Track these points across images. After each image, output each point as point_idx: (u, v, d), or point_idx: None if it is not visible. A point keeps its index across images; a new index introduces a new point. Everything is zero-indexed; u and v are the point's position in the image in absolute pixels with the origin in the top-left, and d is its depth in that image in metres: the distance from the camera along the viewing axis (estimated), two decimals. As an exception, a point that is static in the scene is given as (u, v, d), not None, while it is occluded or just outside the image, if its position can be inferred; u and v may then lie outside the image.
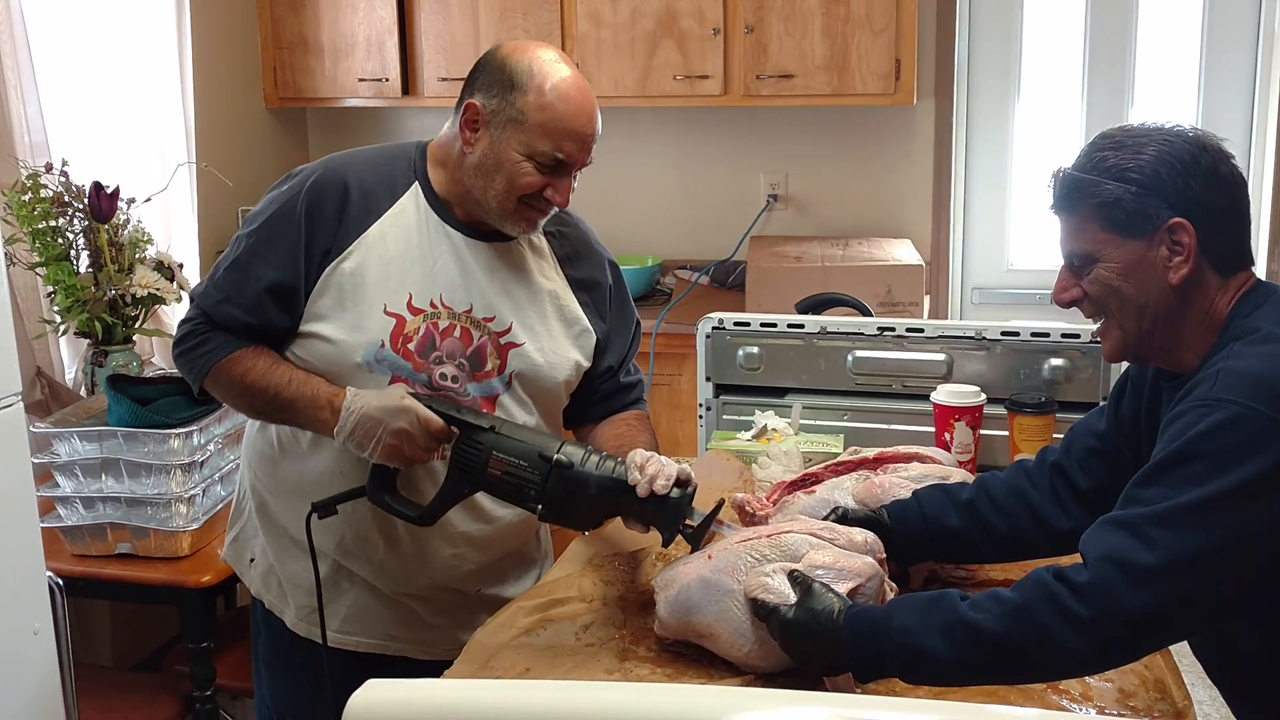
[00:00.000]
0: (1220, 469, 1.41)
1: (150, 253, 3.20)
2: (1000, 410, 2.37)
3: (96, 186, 3.04)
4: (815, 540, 1.67)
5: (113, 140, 3.62)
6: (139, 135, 3.73)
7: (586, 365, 2.11)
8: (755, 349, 2.56)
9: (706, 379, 2.61)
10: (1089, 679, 1.63)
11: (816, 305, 2.93)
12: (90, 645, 3.35)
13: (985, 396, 2.34)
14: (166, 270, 3.18)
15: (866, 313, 2.92)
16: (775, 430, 2.45)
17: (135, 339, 3.18)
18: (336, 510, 1.95)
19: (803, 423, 2.47)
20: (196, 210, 3.86)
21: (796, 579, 1.59)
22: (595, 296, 2.13)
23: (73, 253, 3.07)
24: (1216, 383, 1.47)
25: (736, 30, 3.92)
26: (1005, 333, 2.43)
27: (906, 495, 1.89)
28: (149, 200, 3.25)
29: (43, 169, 3.06)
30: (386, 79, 4.24)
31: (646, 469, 1.79)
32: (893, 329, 2.50)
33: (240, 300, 1.96)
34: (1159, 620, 1.43)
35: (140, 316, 3.17)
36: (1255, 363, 1.47)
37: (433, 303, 1.98)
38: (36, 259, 3.05)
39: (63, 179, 3.06)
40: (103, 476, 2.76)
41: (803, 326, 2.55)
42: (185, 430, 2.71)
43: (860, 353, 2.51)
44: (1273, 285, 1.61)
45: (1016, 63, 4.20)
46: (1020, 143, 4.24)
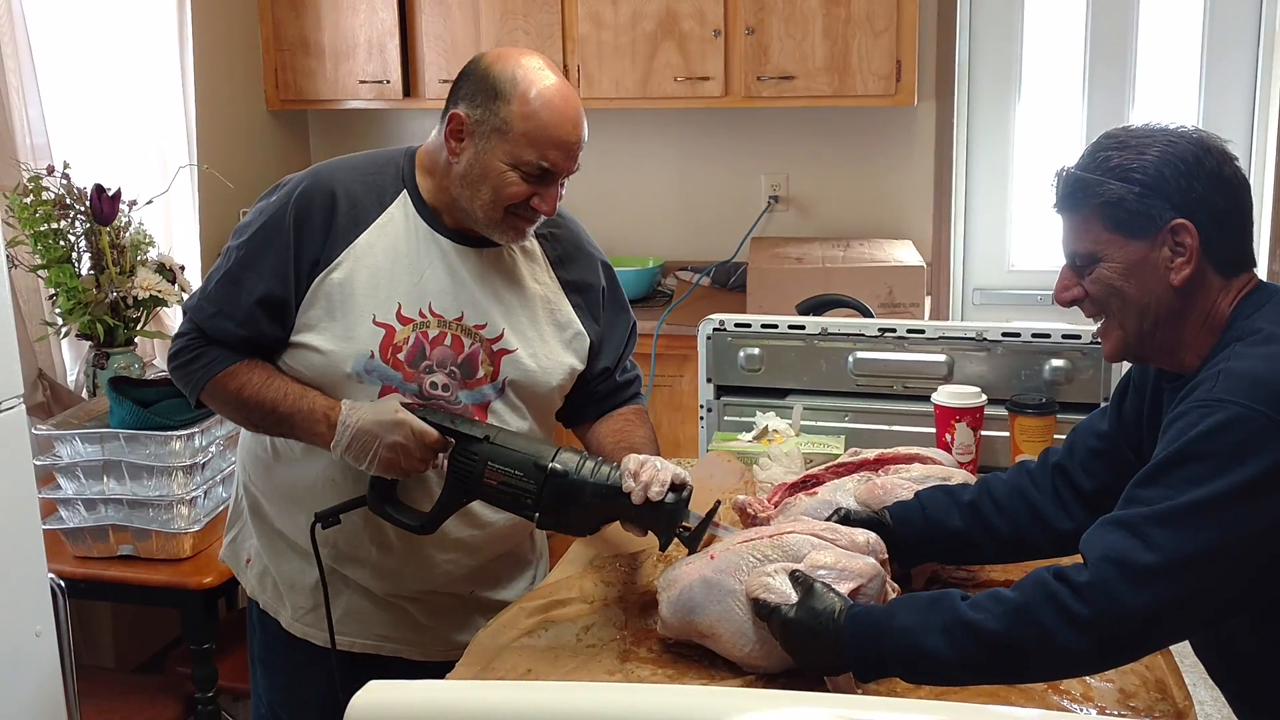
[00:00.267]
0: (1221, 469, 1.41)
1: (152, 255, 3.20)
2: (1001, 411, 2.37)
3: (98, 189, 3.04)
4: (817, 541, 1.67)
5: (114, 143, 3.63)
6: (140, 137, 3.74)
7: (581, 368, 2.10)
8: (756, 350, 2.56)
9: (707, 380, 2.61)
10: (1089, 679, 1.63)
11: (817, 306, 2.94)
12: (92, 647, 3.36)
13: (986, 397, 2.34)
14: (168, 272, 3.18)
15: (867, 314, 2.92)
16: (776, 431, 2.45)
17: (137, 341, 3.19)
18: (339, 520, 1.96)
19: (804, 424, 2.47)
20: (198, 212, 3.86)
21: (798, 579, 1.59)
22: (588, 298, 2.12)
23: (74, 255, 3.07)
24: (1217, 383, 1.47)
25: (737, 31, 3.92)
26: (1006, 334, 2.43)
27: (908, 496, 1.89)
28: (150, 202, 3.26)
29: (44, 171, 3.06)
30: (387, 81, 4.24)
31: (641, 475, 1.79)
32: (894, 330, 2.50)
33: (232, 313, 1.96)
34: (1159, 620, 1.44)
35: (142, 319, 3.17)
36: (1256, 363, 1.47)
37: (422, 312, 1.97)
38: (38, 261, 3.05)
39: (64, 181, 3.06)
40: (104, 478, 2.76)
41: (804, 328, 2.55)
42: (187, 432, 2.71)
43: (861, 354, 2.51)
44: (1274, 286, 1.61)
45: (1017, 64, 4.20)
46: (1021, 143, 4.24)
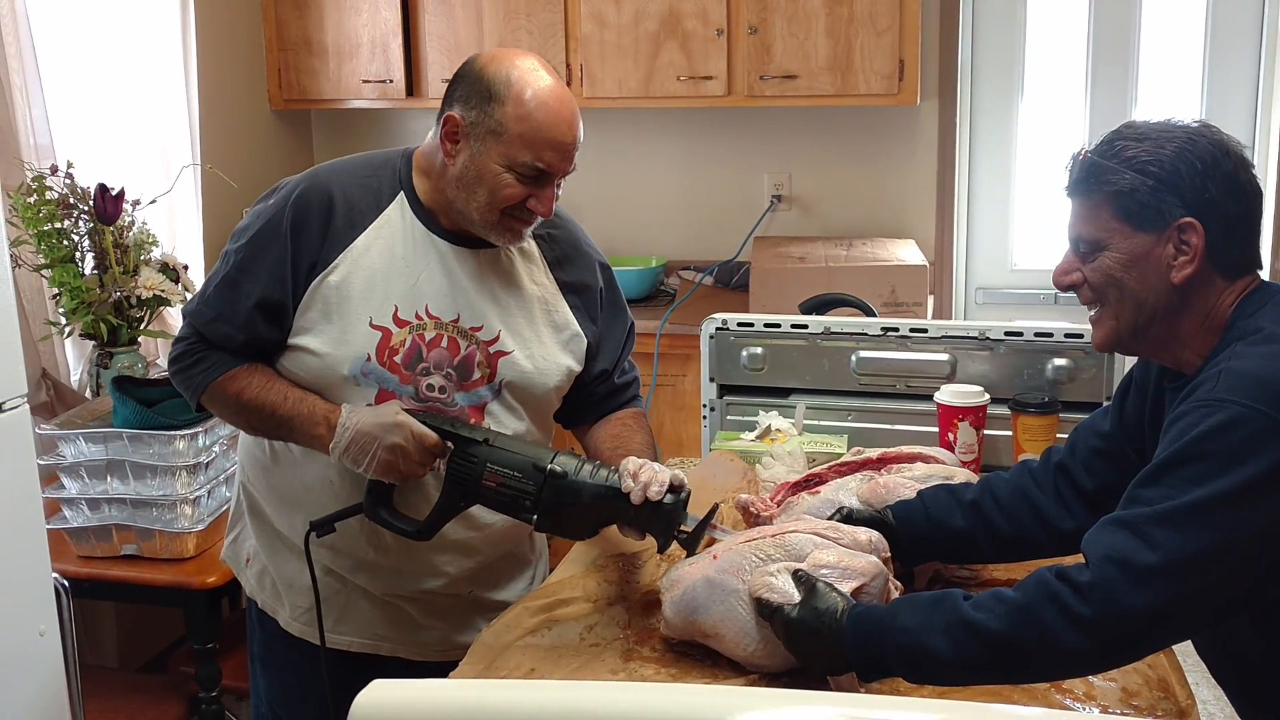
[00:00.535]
0: (1222, 469, 1.41)
1: (155, 254, 3.21)
2: (1004, 410, 2.37)
3: (101, 188, 3.05)
4: (820, 540, 1.67)
5: (118, 142, 3.63)
6: (144, 137, 3.74)
7: (578, 369, 2.10)
8: (759, 349, 2.56)
9: (710, 380, 2.61)
10: (1092, 678, 1.63)
11: (820, 306, 2.94)
12: (96, 646, 3.36)
13: (989, 397, 2.34)
14: (171, 272, 3.19)
15: (870, 313, 2.92)
16: (779, 431, 2.45)
17: (140, 341, 3.19)
18: (335, 528, 1.96)
19: (806, 423, 2.47)
20: (201, 212, 3.87)
21: (801, 578, 1.59)
22: (586, 299, 2.12)
23: (78, 255, 3.08)
24: (1218, 383, 1.47)
25: (740, 31, 3.92)
26: (1009, 333, 2.43)
27: (911, 495, 1.90)
28: (154, 202, 3.26)
29: (48, 171, 3.07)
30: (390, 80, 4.24)
31: (640, 476, 1.79)
32: (896, 329, 2.50)
33: (231, 317, 1.96)
34: (1161, 620, 1.44)
35: (145, 318, 3.17)
36: (1257, 363, 1.47)
37: (418, 314, 1.97)
38: (42, 261, 3.06)
39: (68, 181, 3.07)
40: (108, 478, 2.76)
41: (806, 327, 2.55)
42: (190, 432, 2.72)
43: (864, 353, 2.51)
44: (1276, 285, 1.61)
45: (1020, 63, 4.19)
46: (1024, 143, 4.24)
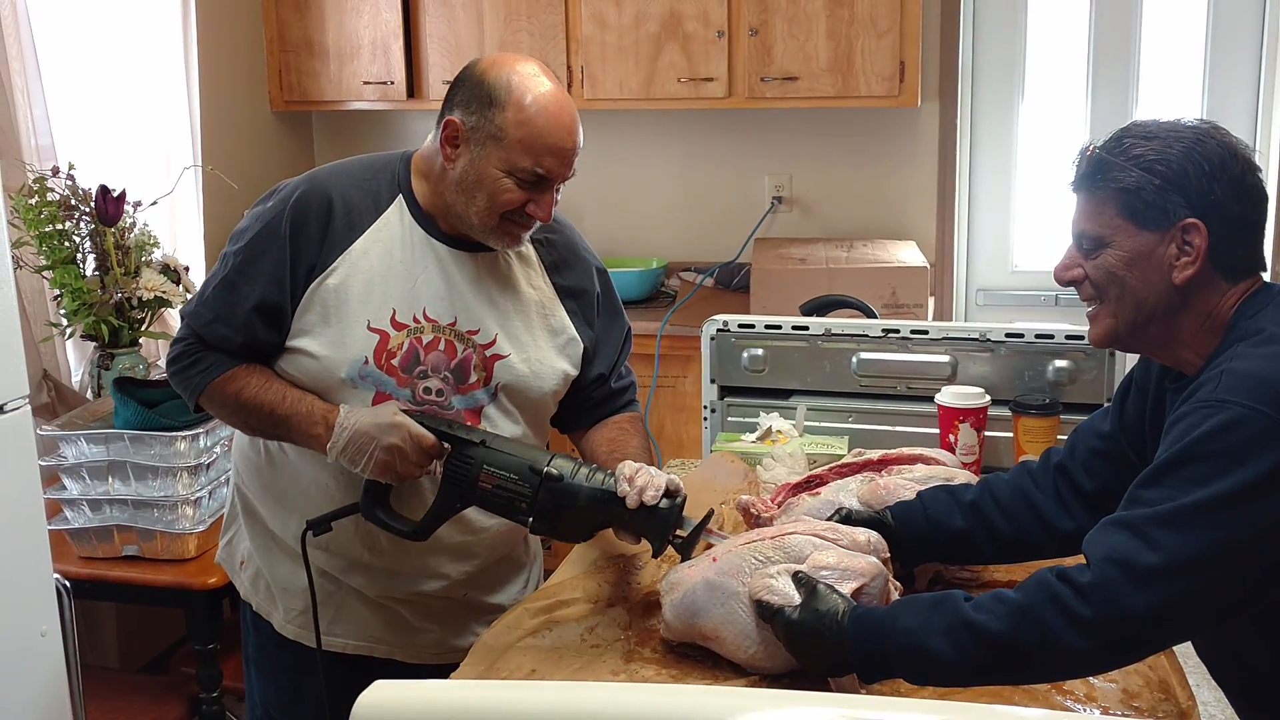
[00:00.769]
0: (1223, 470, 1.41)
1: (156, 256, 3.21)
2: (1005, 412, 2.37)
3: (103, 190, 3.05)
4: (819, 541, 1.68)
5: (119, 144, 3.63)
6: (145, 138, 3.74)
7: (575, 374, 2.10)
8: (760, 351, 2.56)
9: (711, 381, 2.61)
10: (1093, 679, 1.63)
11: (821, 307, 2.94)
12: (97, 647, 3.36)
13: (989, 398, 2.35)
14: (173, 273, 3.19)
15: (871, 315, 2.92)
16: (780, 432, 2.45)
17: (141, 342, 3.19)
18: (331, 527, 1.96)
19: (807, 425, 2.47)
20: (202, 213, 3.87)
21: (801, 580, 1.59)
22: (583, 304, 2.12)
23: (79, 256, 3.08)
24: (1220, 384, 1.47)
25: (741, 32, 3.92)
26: (1010, 334, 2.43)
27: (911, 497, 1.90)
28: (155, 203, 3.27)
29: (49, 172, 3.07)
30: (391, 82, 4.24)
31: (636, 480, 1.80)
32: (897, 331, 2.50)
33: (230, 319, 1.96)
34: (1162, 621, 1.44)
35: (146, 319, 3.18)
36: (1258, 364, 1.47)
37: (416, 318, 1.97)
38: (43, 262, 3.06)
39: (69, 182, 3.07)
40: (109, 479, 2.77)
41: (807, 329, 2.55)
42: (191, 433, 2.72)
43: (865, 355, 2.51)
44: (1277, 286, 1.61)
45: (1021, 64, 4.20)
46: (1025, 144, 4.24)
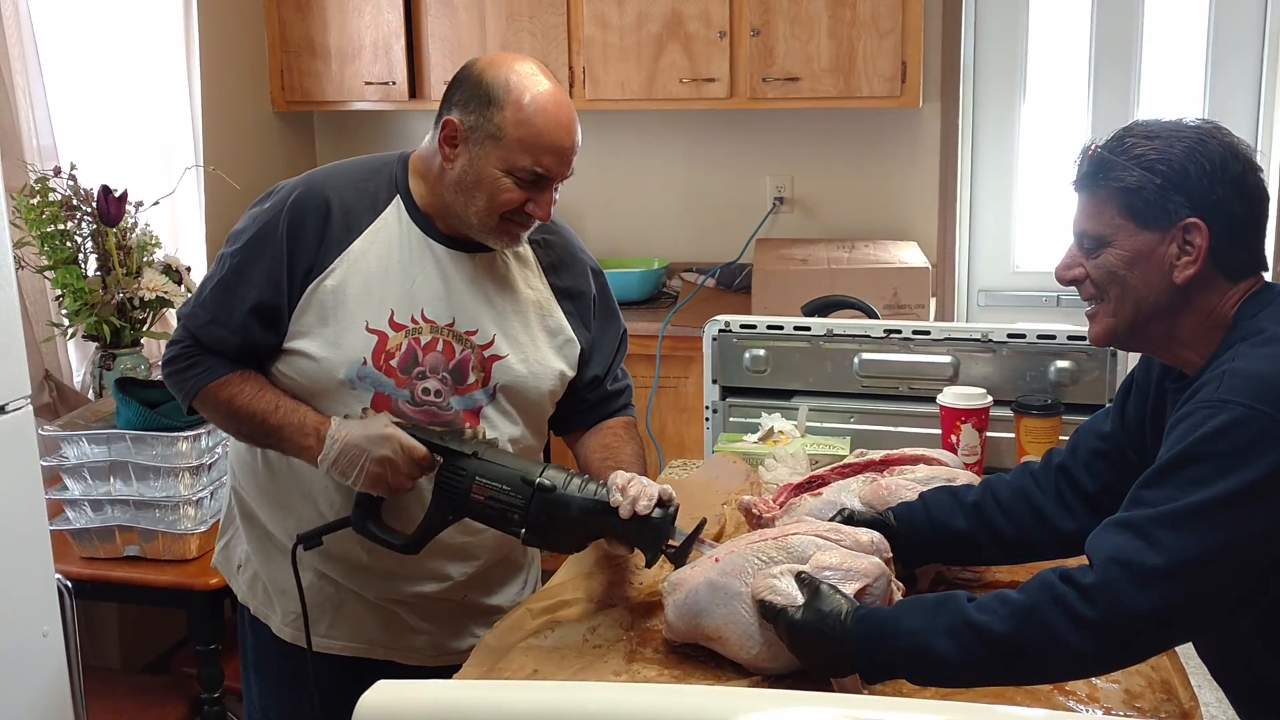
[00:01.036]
0: (1226, 471, 1.41)
1: (158, 256, 3.21)
2: (1006, 412, 2.37)
3: (104, 190, 3.05)
4: (822, 541, 1.67)
5: (121, 144, 3.64)
6: (147, 139, 3.75)
7: (571, 375, 2.10)
8: (761, 351, 2.56)
9: (713, 381, 2.61)
10: (1095, 680, 1.63)
11: (823, 308, 2.94)
12: (98, 647, 3.36)
13: (991, 399, 2.35)
14: (174, 273, 3.19)
15: (873, 315, 2.92)
16: (782, 433, 2.45)
17: (143, 342, 3.19)
18: (322, 541, 1.96)
19: (809, 425, 2.47)
20: (204, 213, 3.88)
21: (804, 580, 1.59)
22: (579, 306, 2.11)
23: (81, 256, 3.08)
24: (1222, 384, 1.47)
25: (742, 33, 3.92)
26: (1011, 335, 2.43)
27: (913, 497, 1.90)
28: (157, 204, 3.27)
29: (51, 173, 3.07)
30: (393, 82, 4.25)
31: (628, 490, 1.79)
32: (899, 331, 2.50)
33: (227, 321, 1.96)
34: (1165, 621, 1.44)
35: (148, 319, 3.18)
36: (1260, 364, 1.47)
37: (414, 318, 1.97)
38: (45, 262, 3.06)
39: (71, 183, 3.07)
40: (111, 479, 2.77)
41: (809, 329, 2.55)
42: (193, 433, 2.72)
43: (866, 355, 2.51)
44: (1279, 286, 1.61)
45: (1022, 65, 4.20)
46: (1026, 145, 4.24)
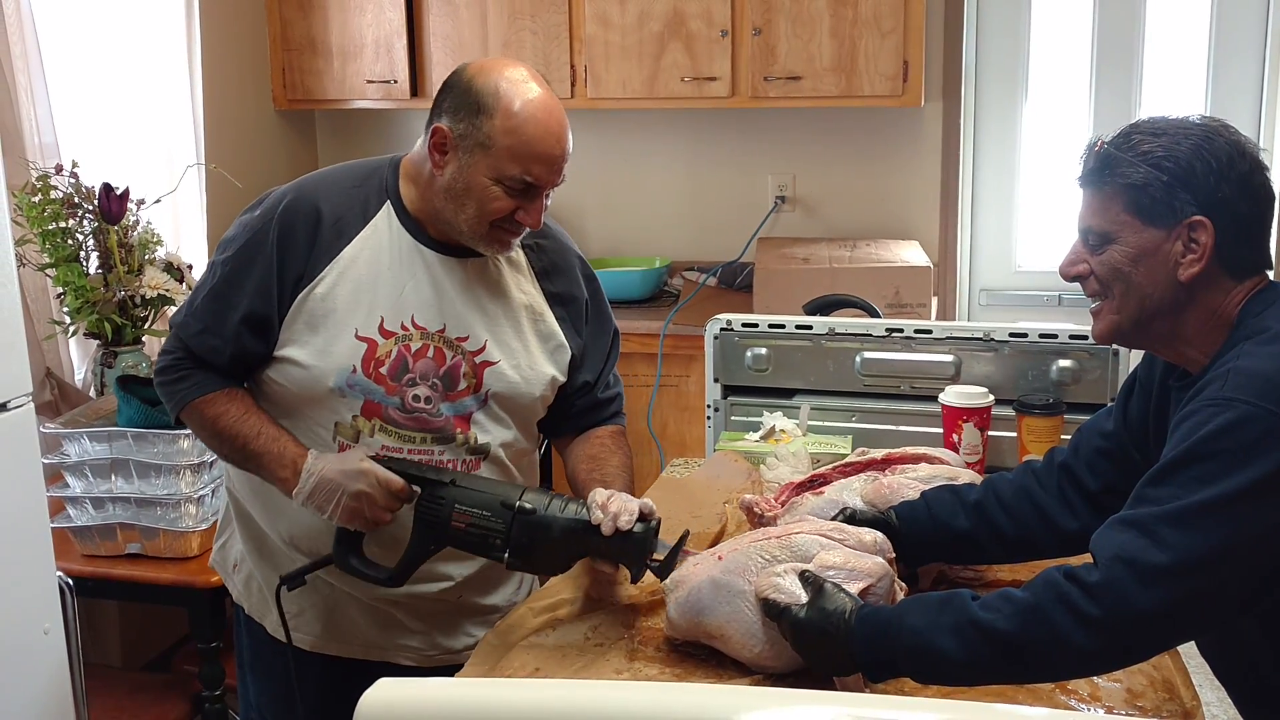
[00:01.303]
0: (1231, 469, 1.41)
1: (159, 254, 3.21)
2: (1008, 411, 2.37)
3: (106, 188, 3.05)
4: (825, 541, 1.67)
5: (122, 142, 3.64)
6: (148, 137, 3.75)
7: (562, 380, 2.08)
8: (763, 350, 2.56)
9: (714, 380, 2.61)
10: (1097, 679, 1.63)
11: (824, 306, 2.93)
12: (99, 645, 3.36)
13: (993, 398, 2.34)
14: (176, 271, 3.19)
15: (874, 314, 2.92)
16: (783, 431, 2.45)
17: (145, 340, 3.19)
18: (305, 581, 1.95)
19: (811, 424, 2.47)
20: (205, 211, 3.88)
21: (808, 579, 1.59)
22: (572, 311, 2.10)
23: (82, 254, 3.08)
24: (1227, 382, 1.46)
25: (744, 32, 3.92)
26: (1013, 334, 2.43)
27: (915, 496, 1.89)
28: (158, 202, 3.27)
29: (53, 170, 3.07)
30: (395, 81, 4.24)
31: (609, 507, 1.78)
32: (901, 330, 2.50)
33: (219, 330, 1.95)
34: (1170, 620, 1.43)
35: (150, 317, 3.17)
36: (1265, 362, 1.46)
37: (404, 325, 1.96)
38: (46, 260, 3.06)
39: (72, 180, 3.07)
40: (112, 477, 2.77)
41: (811, 328, 2.55)
42: (194, 431, 2.71)
43: (868, 354, 2.51)
44: (1283, 284, 1.61)
45: (1024, 64, 4.20)
46: (1028, 144, 4.24)
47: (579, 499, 1.85)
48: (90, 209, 3.06)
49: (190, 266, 3.29)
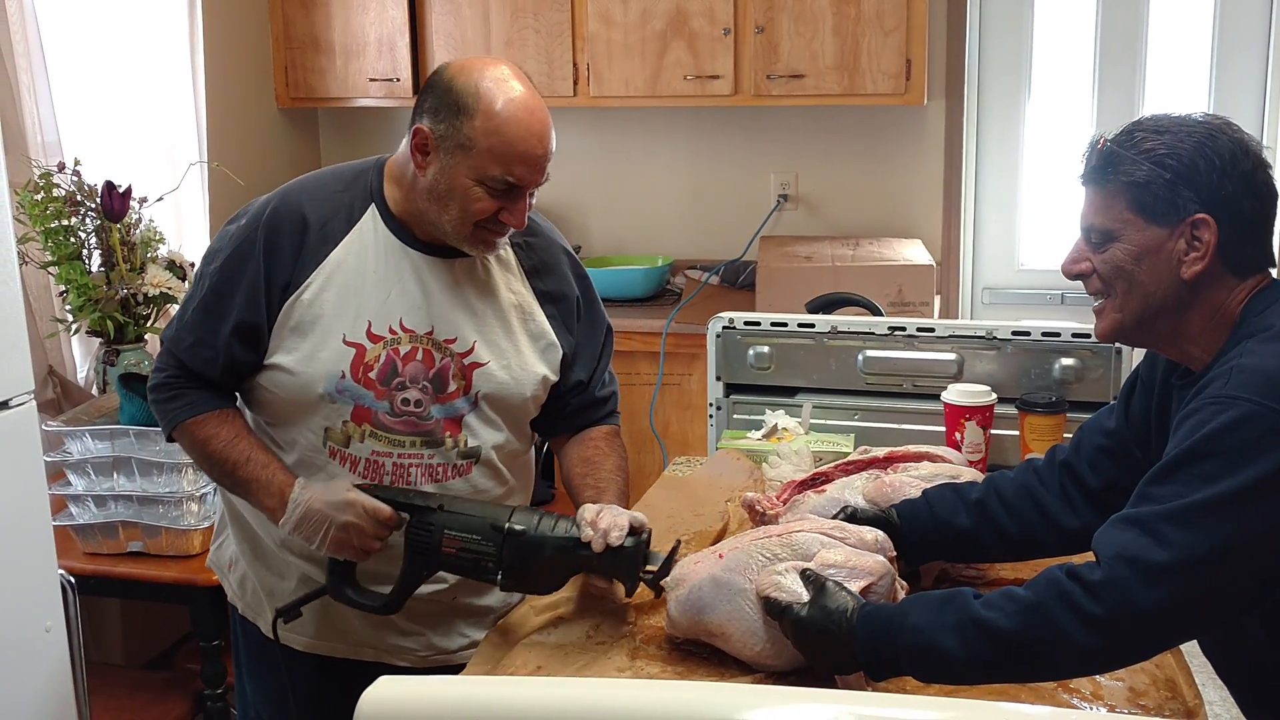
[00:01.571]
0: (1233, 467, 1.41)
1: (162, 252, 3.21)
2: (1011, 410, 2.37)
3: (108, 186, 3.05)
4: (827, 539, 1.67)
5: (125, 140, 3.64)
6: (151, 135, 3.75)
7: (554, 379, 2.07)
8: (766, 348, 2.56)
9: (717, 378, 2.61)
10: (1100, 677, 1.63)
11: (827, 305, 2.93)
12: (101, 643, 3.36)
13: (996, 396, 2.34)
14: (178, 269, 3.19)
15: (877, 312, 2.91)
16: (785, 429, 2.45)
17: (147, 338, 3.19)
18: (301, 613, 1.95)
19: (813, 422, 2.46)
20: (208, 209, 3.88)
21: (809, 577, 1.59)
22: (563, 309, 2.08)
23: (85, 252, 3.08)
24: (1229, 380, 1.46)
25: (747, 30, 3.92)
26: (1016, 332, 2.43)
27: (916, 494, 1.89)
28: (161, 200, 3.26)
29: (55, 168, 3.07)
30: (398, 79, 4.24)
31: (598, 523, 1.78)
32: (903, 329, 2.50)
33: (211, 342, 1.95)
34: (1172, 618, 1.43)
35: (152, 315, 3.17)
36: (1268, 360, 1.46)
37: (392, 329, 1.95)
38: (49, 258, 3.06)
39: (75, 178, 3.07)
40: (114, 475, 2.77)
41: (813, 326, 2.55)
42: (197, 429, 2.71)
43: (871, 352, 2.51)
44: (1286, 283, 1.60)
45: (1027, 62, 4.19)
46: (1031, 142, 4.23)
47: (569, 516, 1.83)
48: (92, 207, 3.06)
49: (193, 264, 3.29)
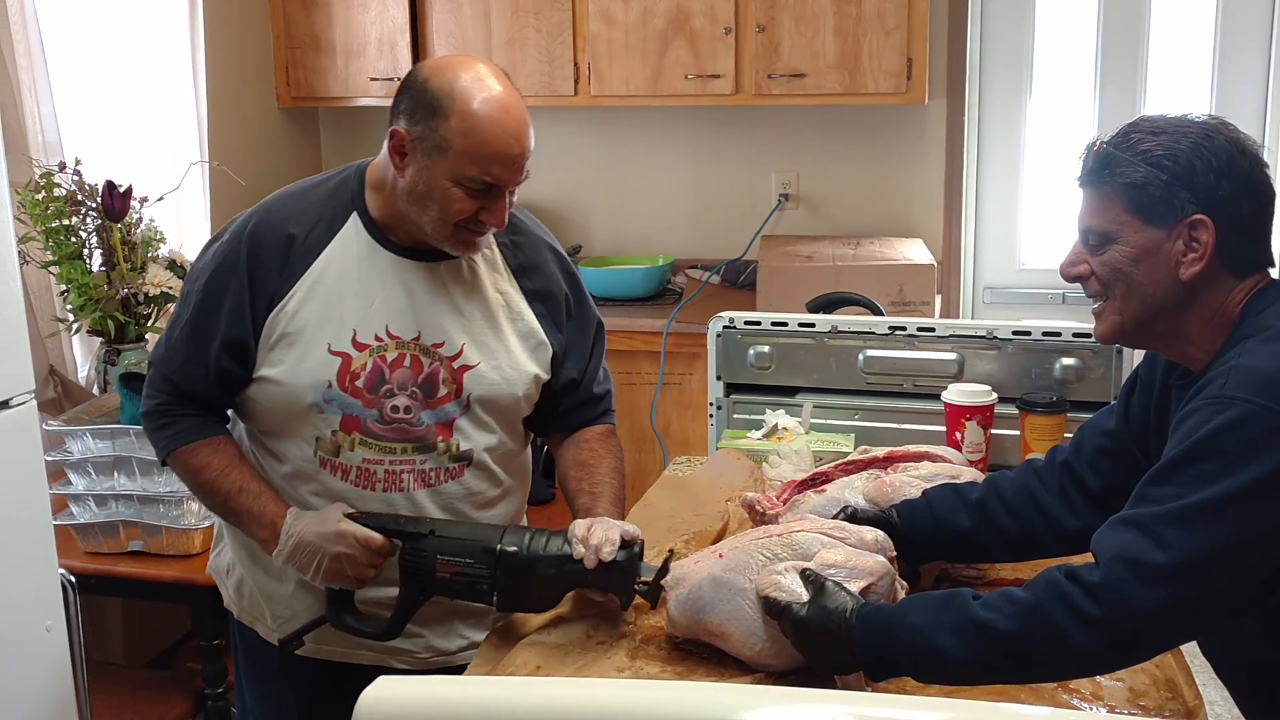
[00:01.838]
0: (1232, 467, 1.41)
1: (163, 251, 3.21)
2: (1012, 410, 2.37)
3: (109, 185, 3.05)
4: (826, 539, 1.67)
5: (125, 139, 3.64)
6: (152, 134, 3.75)
7: (545, 378, 2.05)
8: (766, 348, 2.56)
9: (717, 378, 2.60)
10: (1100, 678, 1.62)
11: (827, 304, 2.93)
12: (102, 642, 3.36)
13: (996, 396, 2.34)
14: (179, 269, 3.19)
15: (878, 312, 2.91)
16: (786, 429, 2.45)
17: (148, 337, 3.19)
18: (304, 642, 1.96)
19: (813, 422, 2.46)
20: (209, 209, 3.88)
21: (809, 577, 1.59)
22: (551, 307, 2.06)
23: (85, 251, 3.08)
24: (1228, 381, 1.46)
25: (748, 29, 3.92)
26: (1017, 332, 2.42)
27: (917, 494, 1.89)
28: (161, 199, 3.26)
29: (56, 168, 3.07)
30: (398, 79, 4.21)
31: (590, 539, 1.77)
32: (904, 328, 2.50)
33: (200, 359, 1.94)
34: (1171, 619, 1.43)
35: (153, 315, 3.17)
36: (1267, 360, 1.46)
37: (378, 336, 1.94)
38: (50, 258, 3.06)
39: (76, 178, 3.07)
40: (115, 474, 2.77)
41: (814, 326, 2.55)
42: (197, 428, 2.71)
43: (871, 352, 2.51)
44: (1286, 283, 1.60)
45: (1029, 62, 4.19)
46: (1032, 142, 4.23)
47: (560, 532, 1.83)
48: (93, 206, 3.06)
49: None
